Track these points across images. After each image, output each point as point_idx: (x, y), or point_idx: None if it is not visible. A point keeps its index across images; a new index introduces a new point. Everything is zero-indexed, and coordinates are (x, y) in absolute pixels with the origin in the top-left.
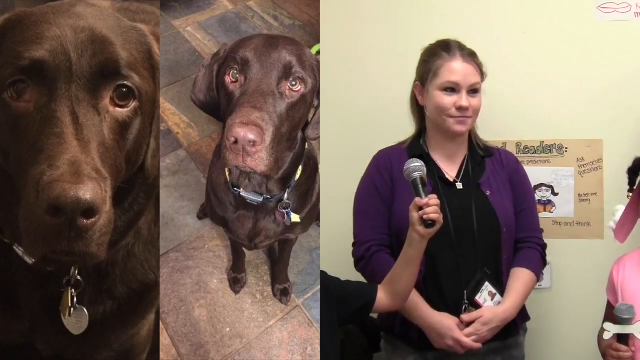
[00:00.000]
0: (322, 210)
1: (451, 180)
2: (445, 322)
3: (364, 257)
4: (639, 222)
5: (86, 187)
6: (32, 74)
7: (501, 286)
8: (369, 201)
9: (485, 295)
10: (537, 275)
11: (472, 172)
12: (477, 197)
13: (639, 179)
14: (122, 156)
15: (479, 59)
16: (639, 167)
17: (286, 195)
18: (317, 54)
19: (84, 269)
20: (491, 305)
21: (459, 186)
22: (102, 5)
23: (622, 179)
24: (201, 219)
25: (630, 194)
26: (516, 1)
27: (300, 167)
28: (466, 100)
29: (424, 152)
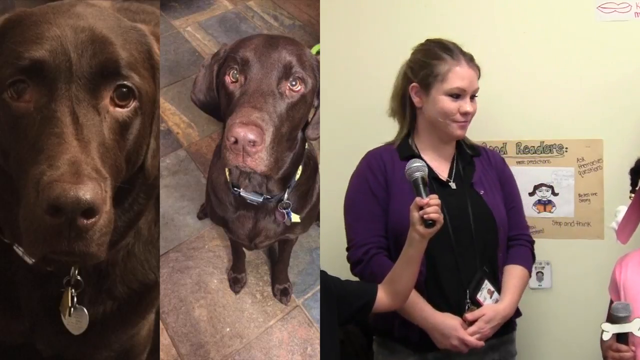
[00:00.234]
0: (322, 210)
1: (444, 180)
2: (449, 322)
3: (362, 261)
4: None
5: (86, 187)
6: (32, 74)
7: (498, 283)
8: (364, 203)
9: (485, 293)
10: (530, 271)
11: (463, 171)
12: (471, 197)
13: None
14: (122, 156)
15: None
16: None
17: (286, 195)
18: (317, 54)
19: (84, 269)
20: (490, 303)
21: (453, 186)
22: (102, 5)
23: (622, 179)
24: (201, 219)
25: (632, 195)
26: (516, 1)
27: (300, 167)
28: (470, 105)
29: (415, 153)
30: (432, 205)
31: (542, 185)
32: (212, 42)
